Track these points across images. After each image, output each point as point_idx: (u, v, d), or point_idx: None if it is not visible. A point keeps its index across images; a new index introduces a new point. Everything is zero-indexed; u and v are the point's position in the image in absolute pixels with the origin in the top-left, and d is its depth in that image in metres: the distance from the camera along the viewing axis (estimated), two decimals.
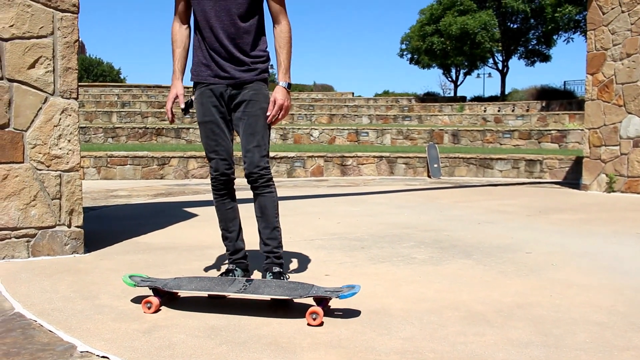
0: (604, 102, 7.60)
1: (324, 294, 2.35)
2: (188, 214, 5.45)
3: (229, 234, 2.86)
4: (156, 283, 2.50)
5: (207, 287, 2.49)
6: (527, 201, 6.70)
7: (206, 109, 2.74)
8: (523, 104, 21.98)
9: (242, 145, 2.72)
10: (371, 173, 10.77)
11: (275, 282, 2.52)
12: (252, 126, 2.69)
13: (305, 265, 3.32)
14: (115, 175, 9.80)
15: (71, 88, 3.51)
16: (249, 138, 2.69)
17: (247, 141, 2.70)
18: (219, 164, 2.75)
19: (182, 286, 2.47)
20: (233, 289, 2.43)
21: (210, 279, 2.58)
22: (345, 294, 2.35)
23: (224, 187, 2.80)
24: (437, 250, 3.78)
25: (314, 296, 2.34)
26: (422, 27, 30.68)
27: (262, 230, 2.79)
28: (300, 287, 2.41)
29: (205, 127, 2.75)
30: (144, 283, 2.51)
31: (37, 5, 3.37)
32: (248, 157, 2.70)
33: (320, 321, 2.26)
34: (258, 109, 2.70)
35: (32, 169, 3.41)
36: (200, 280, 2.55)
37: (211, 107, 2.73)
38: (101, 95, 22.42)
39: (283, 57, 2.72)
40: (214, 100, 2.72)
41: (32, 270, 3.15)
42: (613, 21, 7.45)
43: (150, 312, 2.39)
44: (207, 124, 2.75)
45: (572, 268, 3.29)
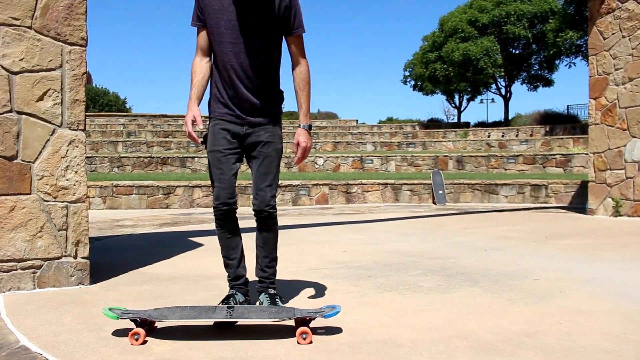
0: (607, 126, 7.62)
1: (307, 315, 2.47)
2: (194, 243, 5.44)
3: (230, 261, 2.91)
4: (139, 314, 2.51)
5: (192, 316, 2.52)
6: (533, 227, 6.67)
7: (217, 139, 2.80)
8: (527, 129, 22.04)
9: (255, 182, 2.81)
10: (376, 200, 10.76)
11: (259, 307, 2.66)
12: (267, 166, 2.80)
13: (312, 295, 3.30)
14: (121, 205, 9.83)
15: (79, 120, 3.55)
16: (263, 177, 2.79)
17: (261, 180, 2.79)
18: (221, 192, 2.79)
19: (167, 316, 2.50)
20: (218, 316, 2.51)
21: (192, 308, 2.61)
22: (329, 313, 2.50)
23: (225, 216, 2.84)
24: (444, 278, 3.75)
25: (298, 318, 2.45)
26: (425, 54, 30.95)
27: (261, 258, 2.90)
28: (283, 311, 2.54)
29: (213, 155, 2.81)
30: (126, 315, 2.51)
31: (47, 39, 3.44)
32: (260, 195, 2.79)
33: (310, 340, 2.38)
34: (273, 150, 2.82)
35: (39, 200, 3.43)
36: (182, 309, 2.58)
37: (222, 138, 2.79)
38: (107, 124, 22.61)
39: (303, 99, 2.83)
40: (227, 133, 2.79)
41: (37, 302, 3.14)
42: (614, 46, 7.51)
43: (139, 344, 2.38)
44: (215, 153, 2.80)
45: (581, 295, 3.26)
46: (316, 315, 2.47)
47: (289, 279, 3.67)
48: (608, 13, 7.59)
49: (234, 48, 2.73)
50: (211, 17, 2.75)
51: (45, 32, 3.43)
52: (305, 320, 2.45)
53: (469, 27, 28.11)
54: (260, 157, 2.80)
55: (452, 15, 29.84)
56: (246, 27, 2.72)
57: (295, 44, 2.83)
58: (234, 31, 2.73)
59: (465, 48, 27.21)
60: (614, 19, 7.51)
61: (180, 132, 20.44)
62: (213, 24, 2.76)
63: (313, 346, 2.36)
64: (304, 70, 2.83)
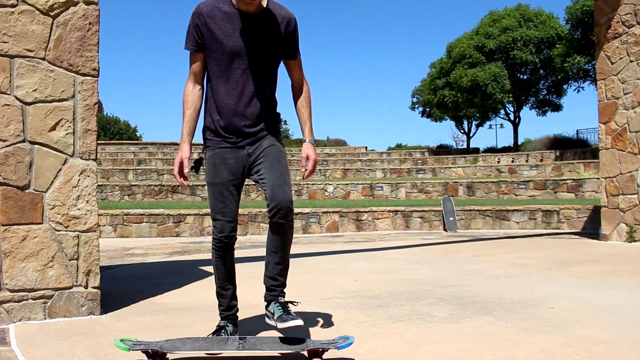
0: (618, 151, 7.57)
1: (320, 346, 2.43)
2: (204, 272, 5.42)
3: (224, 291, 2.86)
4: (150, 346, 2.49)
5: (204, 347, 2.51)
6: (546, 253, 6.59)
7: (218, 170, 2.74)
8: (537, 154, 21.97)
9: (270, 181, 2.65)
10: (387, 227, 10.70)
11: (271, 338, 2.61)
12: (279, 164, 2.71)
13: (323, 326, 3.26)
14: (132, 233, 9.84)
15: (90, 149, 3.57)
16: (278, 175, 2.68)
17: (276, 176, 2.67)
18: (224, 226, 2.74)
19: (179, 347, 2.48)
20: (230, 348, 2.48)
21: (204, 339, 2.59)
22: (342, 344, 2.45)
23: (226, 248, 2.80)
24: (457, 307, 3.70)
25: (311, 349, 2.39)
26: (433, 81, 31.13)
27: (274, 264, 2.76)
28: (296, 342, 2.50)
29: (215, 188, 2.76)
30: (138, 347, 2.48)
31: (60, 70, 3.48)
32: (279, 192, 2.63)
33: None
34: (279, 151, 2.77)
35: (50, 230, 3.43)
36: (194, 341, 2.56)
37: (224, 170, 2.74)
38: (118, 153, 22.80)
39: (307, 116, 2.85)
40: (228, 162, 2.74)
41: (48, 332, 3.12)
42: (622, 70, 7.51)
43: None
44: (216, 185, 2.75)
45: (598, 324, 3.19)
46: (329, 347, 2.43)
47: (299, 309, 3.63)
48: (615, 38, 7.61)
49: (238, 74, 2.69)
50: (214, 43, 2.68)
51: (58, 63, 3.48)
52: (318, 351, 2.41)
53: (477, 53, 28.29)
54: (269, 158, 2.71)
55: (459, 41, 30.08)
56: (253, 53, 2.69)
57: (298, 67, 2.87)
58: (240, 57, 2.69)
59: (473, 74, 27.35)
60: (621, 44, 7.52)
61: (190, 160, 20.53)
62: (216, 48, 2.69)
63: None
64: (307, 89, 2.89)
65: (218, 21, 2.67)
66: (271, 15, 2.72)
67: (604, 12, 7.78)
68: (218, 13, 2.68)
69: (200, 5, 2.71)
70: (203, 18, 2.68)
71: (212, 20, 2.67)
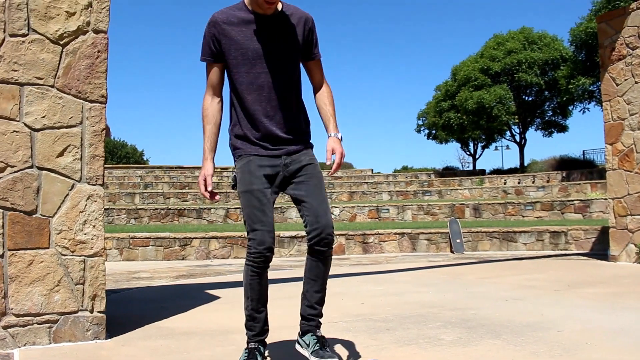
0: (625, 172, 7.55)
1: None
2: (210, 296, 5.40)
3: (258, 314, 2.64)
4: None
5: None
6: (554, 275, 6.53)
7: (254, 177, 2.59)
8: (543, 175, 21.93)
9: (312, 207, 2.58)
10: (393, 250, 10.66)
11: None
12: (319, 188, 2.63)
13: (336, 350, 3.22)
14: (138, 257, 9.84)
15: (97, 175, 3.60)
16: (320, 200, 2.60)
17: (318, 202, 2.59)
18: (265, 236, 2.53)
19: None
20: None
21: None
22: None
23: (265, 263, 2.58)
24: (465, 330, 3.66)
25: None
26: (438, 103, 31.29)
27: (312, 293, 2.68)
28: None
29: (252, 195, 2.58)
30: None
31: (68, 97, 3.53)
32: (323, 220, 2.56)
33: None
34: (318, 172, 2.68)
35: (57, 255, 3.44)
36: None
37: (260, 176, 2.60)
38: (124, 176, 22.92)
39: (331, 112, 2.77)
40: (263, 170, 2.62)
41: (52, 357, 3.11)
42: (627, 92, 7.52)
43: None
44: (254, 192, 2.58)
45: (610, 347, 3.15)
46: None
47: None
48: (619, 60, 7.64)
49: (263, 78, 2.61)
50: (234, 49, 2.60)
51: (66, 91, 3.52)
52: None
53: (482, 75, 28.46)
54: (312, 179, 2.63)
55: (464, 64, 30.30)
56: (275, 55, 2.62)
57: (318, 68, 2.80)
58: (262, 61, 2.60)
59: (479, 96, 27.47)
60: (626, 65, 7.55)
61: (196, 184, 20.62)
62: (237, 55, 2.61)
63: None
64: (329, 89, 2.83)
65: (236, 27, 2.61)
66: (288, 17, 2.66)
67: (607, 34, 7.83)
68: (235, 19, 2.62)
69: (215, 14, 2.65)
70: (219, 26, 2.61)
71: (229, 27, 2.61)
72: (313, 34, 2.73)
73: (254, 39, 2.60)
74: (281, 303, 4.38)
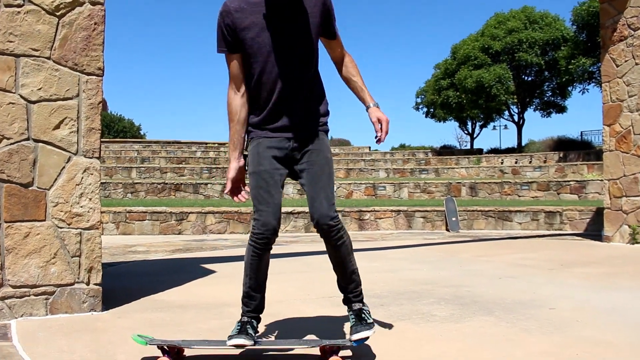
0: (622, 153, 7.56)
1: (336, 342, 2.39)
2: (206, 270, 5.44)
3: (255, 293, 2.63)
4: (166, 342, 2.52)
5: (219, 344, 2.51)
6: (548, 254, 6.59)
7: (262, 158, 2.59)
8: (540, 155, 21.93)
9: (310, 195, 2.60)
10: (389, 227, 10.71)
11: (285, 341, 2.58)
12: (320, 175, 2.61)
13: (323, 324, 3.27)
14: (134, 231, 9.87)
15: (94, 148, 3.59)
16: (318, 188, 2.59)
17: (316, 191, 2.59)
18: (270, 217, 2.53)
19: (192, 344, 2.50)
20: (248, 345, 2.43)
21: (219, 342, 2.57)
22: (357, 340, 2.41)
23: (267, 245, 2.57)
24: (458, 307, 3.70)
25: (327, 345, 2.34)
26: (437, 81, 31.12)
27: (340, 277, 2.73)
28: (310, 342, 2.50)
29: (260, 176, 2.57)
30: (155, 341, 2.52)
31: (65, 69, 3.50)
32: (319, 208, 2.57)
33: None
34: (323, 159, 2.64)
35: (53, 227, 3.45)
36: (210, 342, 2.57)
37: (269, 157, 2.59)
38: (121, 151, 22.86)
39: (361, 83, 2.73)
40: (273, 150, 2.60)
41: (49, 328, 3.14)
42: (627, 73, 7.50)
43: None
44: (262, 173, 2.57)
45: (599, 325, 3.20)
46: (345, 343, 2.37)
47: (300, 308, 3.65)
48: (620, 41, 7.60)
49: (279, 64, 2.56)
50: (248, 37, 2.54)
51: (63, 63, 3.49)
52: (334, 349, 2.36)
53: (482, 54, 28.27)
54: (312, 167, 2.61)
55: (464, 43, 30.07)
56: (289, 39, 2.56)
57: (338, 46, 2.73)
58: (277, 45, 2.53)
59: (478, 75, 27.33)
60: (627, 47, 7.51)
61: (193, 159, 20.61)
62: (251, 44, 2.54)
63: None
64: (352, 59, 2.76)
65: (248, 14, 2.54)
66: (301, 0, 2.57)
67: (609, 14, 7.77)
68: (246, 5, 2.55)
69: (226, 2, 2.57)
70: (231, 15, 2.55)
71: (241, 14, 2.54)
72: (329, 13, 2.63)
73: (268, 25, 2.53)
74: (273, 278, 4.41)
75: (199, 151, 23.98)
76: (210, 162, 20.21)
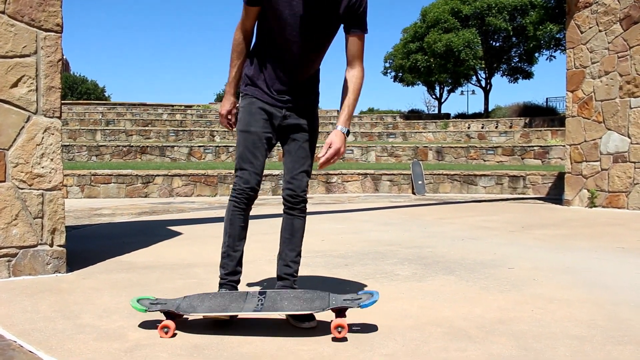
0: (584, 119, 7.73)
1: (343, 304, 2.34)
2: (172, 232, 5.43)
3: (233, 252, 2.65)
4: (167, 306, 2.42)
5: (222, 305, 2.40)
6: (510, 217, 6.76)
7: (253, 119, 2.62)
8: (506, 121, 22.26)
9: (288, 167, 2.68)
10: (356, 190, 10.80)
11: (291, 292, 2.47)
12: (303, 151, 2.68)
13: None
14: (99, 194, 9.74)
15: (54, 107, 3.50)
16: (300, 162, 2.67)
17: (296, 166, 2.67)
18: (251, 176, 2.60)
19: (196, 307, 2.39)
20: (250, 307, 2.37)
21: (222, 296, 2.48)
22: (366, 302, 2.34)
23: (248, 201, 2.63)
24: (421, 266, 3.80)
25: (334, 308, 2.32)
26: (406, 45, 31.05)
27: (287, 251, 2.73)
28: (317, 298, 2.39)
29: (248, 137, 2.61)
30: (155, 307, 2.42)
31: (21, 25, 3.38)
32: (295, 180, 2.67)
33: (345, 334, 2.27)
34: (312, 132, 2.71)
35: (14, 188, 3.39)
36: (212, 297, 2.46)
37: (260, 119, 2.61)
38: (85, 113, 22.32)
39: (350, 102, 2.61)
40: (264, 114, 2.62)
41: (12, 290, 3.11)
42: (591, 40, 7.61)
43: (169, 337, 2.31)
44: (251, 134, 2.61)
45: (554, 283, 3.32)
46: (352, 305, 2.32)
47: (265, 268, 3.69)
48: (585, 7, 7.68)
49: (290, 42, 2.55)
50: (271, 7, 2.51)
51: (19, 18, 3.37)
52: (342, 309, 2.32)
53: (452, 18, 28.25)
54: (299, 141, 2.67)
55: (434, 6, 29.97)
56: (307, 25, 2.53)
57: (355, 44, 2.60)
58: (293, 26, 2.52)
59: (448, 39, 27.36)
60: (591, 13, 7.60)
61: (159, 121, 20.28)
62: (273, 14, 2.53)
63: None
64: (359, 74, 2.62)
65: None
66: None
67: None
68: None
69: None
70: None
71: None
72: (359, 8, 2.54)
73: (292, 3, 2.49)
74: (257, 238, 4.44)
75: (165, 114, 23.60)
76: (177, 124, 19.93)
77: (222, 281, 2.68)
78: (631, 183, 7.19)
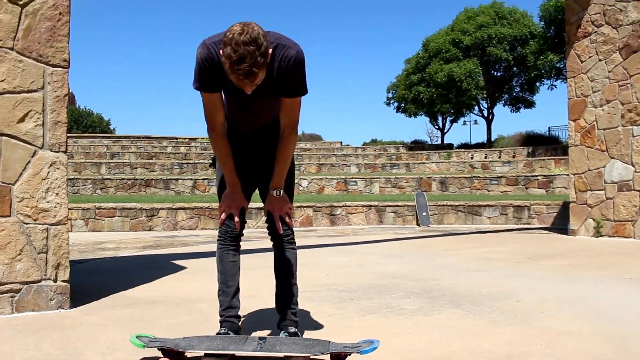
0: (587, 148, 7.74)
1: (343, 350, 2.31)
2: (176, 266, 5.40)
3: (227, 288, 2.70)
4: (166, 343, 2.40)
5: (221, 346, 2.39)
6: (516, 248, 6.71)
7: None
8: (509, 150, 22.29)
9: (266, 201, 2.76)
10: (360, 222, 10.77)
11: (291, 339, 2.47)
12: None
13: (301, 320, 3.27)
14: (104, 227, 9.73)
15: (60, 141, 3.53)
16: None
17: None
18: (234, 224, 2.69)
19: (194, 346, 2.38)
20: (248, 348, 2.36)
21: (222, 339, 2.49)
22: (366, 349, 2.32)
23: (233, 241, 2.71)
24: (427, 300, 3.76)
25: (333, 353, 2.30)
26: (408, 76, 31.33)
27: (282, 287, 2.75)
28: (317, 344, 2.37)
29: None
30: (154, 344, 2.41)
31: (29, 61, 3.43)
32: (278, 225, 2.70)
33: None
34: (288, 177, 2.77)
35: (18, 223, 3.39)
36: (211, 339, 2.46)
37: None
38: (90, 146, 22.47)
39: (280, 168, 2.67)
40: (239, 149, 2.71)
41: (15, 326, 3.08)
42: (591, 69, 7.67)
43: None
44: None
45: (563, 316, 3.28)
46: (352, 351, 2.30)
47: (270, 304, 3.64)
48: (585, 37, 7.77)
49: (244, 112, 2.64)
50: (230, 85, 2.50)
51: (27, 54, 3.42)
52: (341, 355, 2.31)
53: (453, 48, 28.56)
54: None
55: (435, 37, 30.33)
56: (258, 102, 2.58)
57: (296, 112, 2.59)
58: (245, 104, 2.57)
59: (449, 69, 27.61)
60: (591, 43, 7.68)
61: (163, 154, 20.38)
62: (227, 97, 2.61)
63: None
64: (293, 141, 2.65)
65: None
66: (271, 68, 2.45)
67: (574, 11, 7.93)
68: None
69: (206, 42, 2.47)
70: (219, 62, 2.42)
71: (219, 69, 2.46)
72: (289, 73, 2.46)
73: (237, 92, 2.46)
74: (245, 274, 4.41)
75: (170, 146, 23.72)
76: (181, 157, 20.02)
77: (220, 318, 2.69)
78: (637, 212, 7.15)
